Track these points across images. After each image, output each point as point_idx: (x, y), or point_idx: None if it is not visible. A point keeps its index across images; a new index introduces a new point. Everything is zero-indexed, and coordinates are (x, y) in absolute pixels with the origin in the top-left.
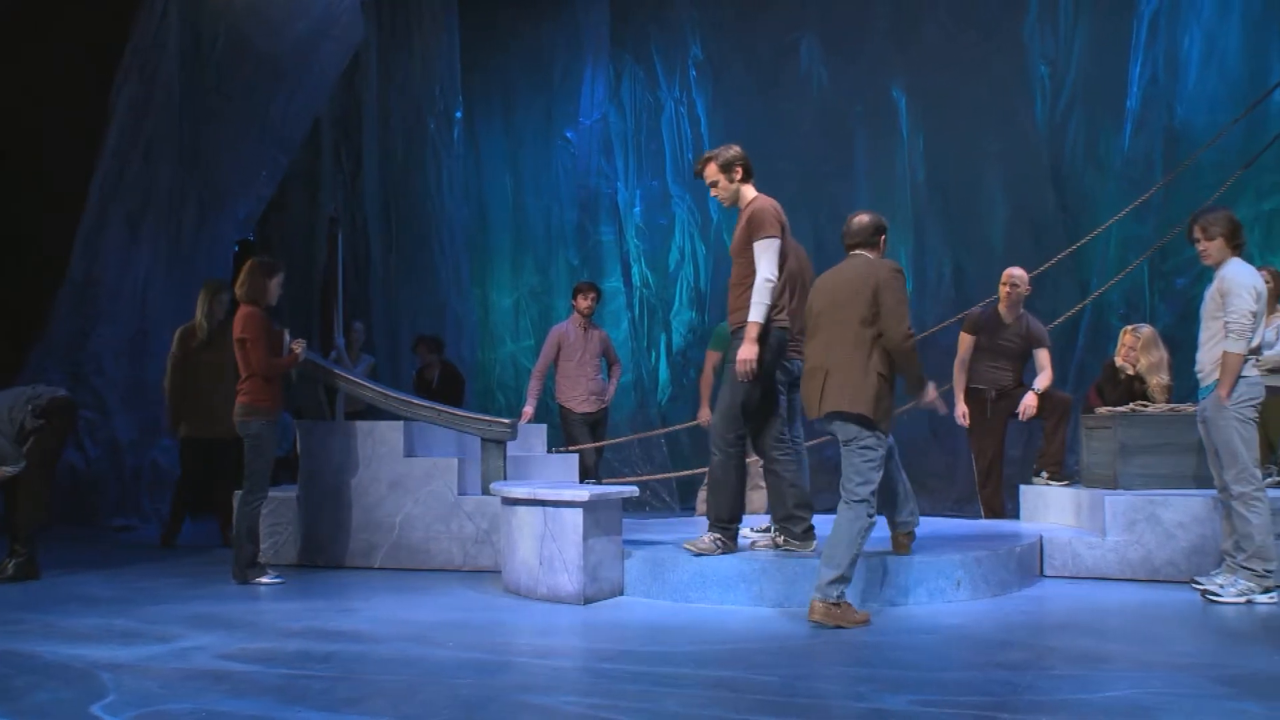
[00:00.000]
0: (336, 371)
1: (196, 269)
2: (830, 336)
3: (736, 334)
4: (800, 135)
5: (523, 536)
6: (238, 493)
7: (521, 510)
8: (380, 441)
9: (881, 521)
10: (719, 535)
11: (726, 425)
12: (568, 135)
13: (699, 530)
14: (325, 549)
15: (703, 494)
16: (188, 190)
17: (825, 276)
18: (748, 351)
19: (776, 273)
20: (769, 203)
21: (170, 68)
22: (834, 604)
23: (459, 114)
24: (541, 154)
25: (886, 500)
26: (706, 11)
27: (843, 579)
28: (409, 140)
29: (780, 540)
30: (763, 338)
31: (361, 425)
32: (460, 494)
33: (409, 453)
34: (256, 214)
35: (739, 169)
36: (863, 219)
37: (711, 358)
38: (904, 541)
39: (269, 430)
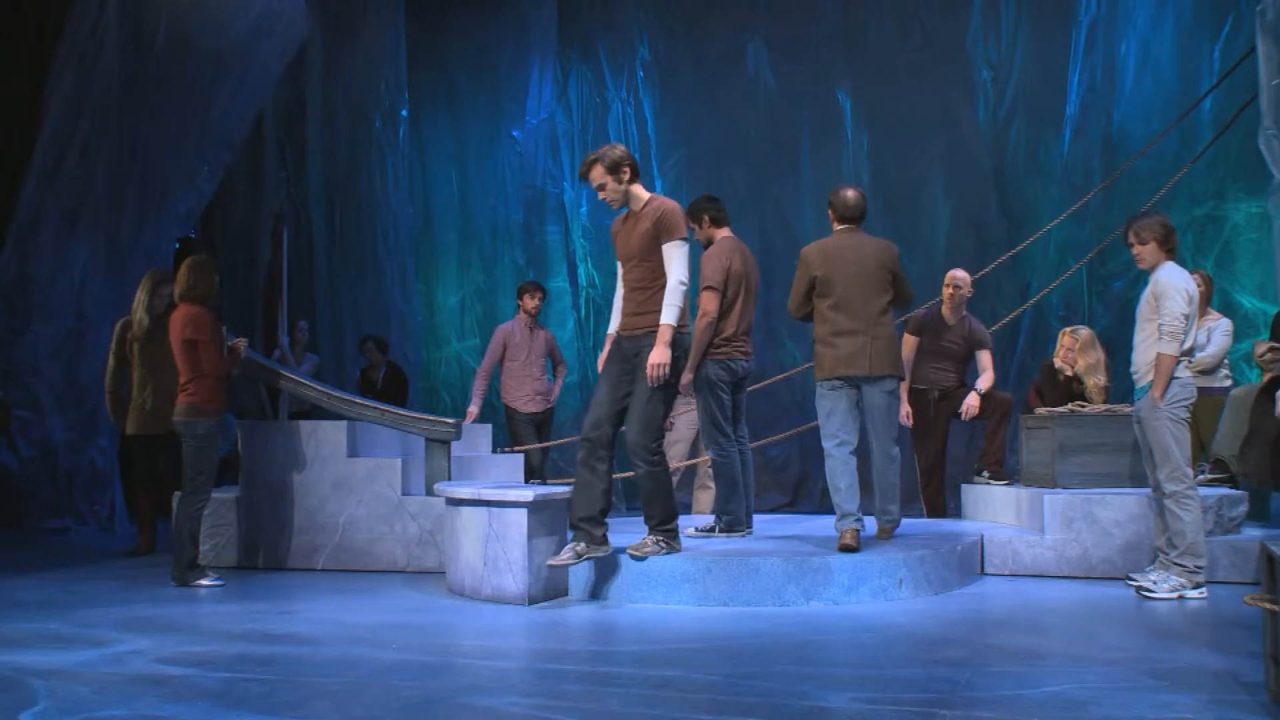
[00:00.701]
0: (280, 371)
1: (135, 267)
2: (868, 306)
3: (645, 339)
4: (747, 137)
5: (467, 537)
6: (178, 493)
7: (466, 511)
8: (323, 442)
9: (828, 522)
10: (660, 538)
11: (648, 436)
12: (514, 134)
13: (643, 531)
14: (267, 550)
15: None
16: (127, 187)
17: (839, 247)
18: (661, 355)
19: (688, 276)
20: (675, 204)
21: (109, 62)
22: (896, 524)
23: (404, 112)
24: (488, 153)
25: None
26: (655, 13)
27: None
28: (354, 138)
29: (582, 548)
30: (674, 341)
31: (304, 425)
32: (404, 494)
33: (352, 453)
34: (198, 211)
35: (626, 169)
36: (856, 195)
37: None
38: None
39: (216, 431)
